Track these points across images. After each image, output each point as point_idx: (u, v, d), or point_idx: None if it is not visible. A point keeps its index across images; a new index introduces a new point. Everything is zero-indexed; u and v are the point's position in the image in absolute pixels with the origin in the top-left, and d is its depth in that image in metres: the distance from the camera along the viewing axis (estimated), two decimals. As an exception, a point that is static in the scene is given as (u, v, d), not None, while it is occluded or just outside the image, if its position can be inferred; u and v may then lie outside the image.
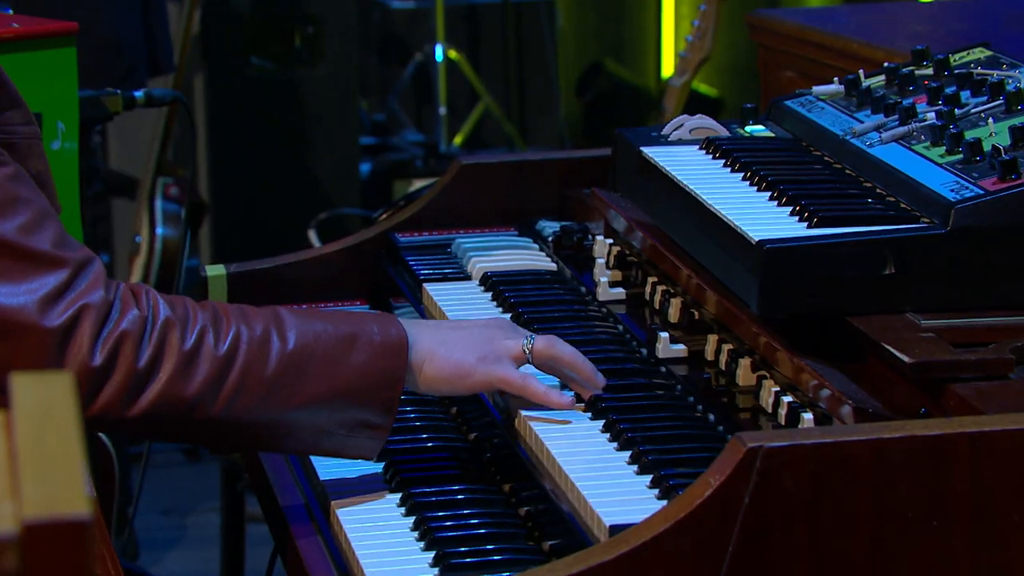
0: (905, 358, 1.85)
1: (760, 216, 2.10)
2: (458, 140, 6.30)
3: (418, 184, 5.87)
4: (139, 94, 2.86)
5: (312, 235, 4.68)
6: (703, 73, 7.86)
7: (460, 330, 2.12)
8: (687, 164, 2.32)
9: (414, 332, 2.06)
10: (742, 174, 2.25)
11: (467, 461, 2.15)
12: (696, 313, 2.24)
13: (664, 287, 2.33)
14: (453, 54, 6.31)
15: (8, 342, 1.87)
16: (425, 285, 2.52)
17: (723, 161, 2.31)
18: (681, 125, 2.46)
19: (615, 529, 1.77)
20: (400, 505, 2.05)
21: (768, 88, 3.01)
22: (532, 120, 6.71)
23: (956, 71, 2.35)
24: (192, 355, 1.93)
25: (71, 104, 2.76)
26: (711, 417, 2.03)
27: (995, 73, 2.29)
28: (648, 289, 2.37)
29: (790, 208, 2.10)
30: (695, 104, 7.36)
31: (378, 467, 2.14)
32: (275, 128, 5.44)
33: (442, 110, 6.23)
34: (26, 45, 2.70)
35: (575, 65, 7.43)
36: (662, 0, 7.96)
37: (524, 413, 2.08)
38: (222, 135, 5.24)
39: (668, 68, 7.96)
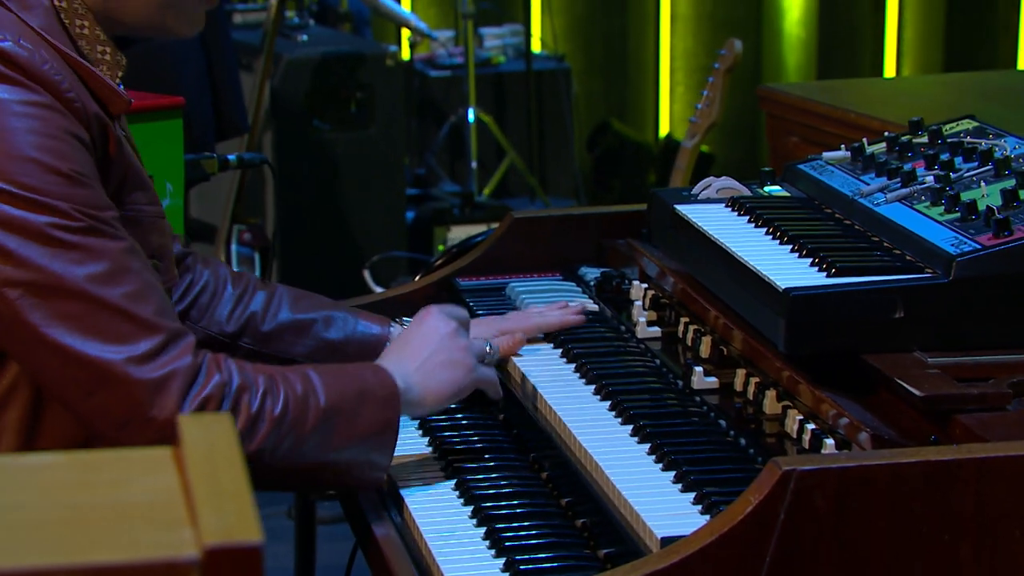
0: (916, 392, 1.85)
1: (784, 266, 2.09)
2: (487, 191, 6.31)
3: (455, 229, 5.89)
4: (232, 157, 2.87)
5: (367, 274, 4.68)
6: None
7: (427, 352, 2.14)
8: (716, 220, 2.32)
9: (401, 375, 2.08)
10: (765, 229, 2.25)
11: (529, 479, 2.14)
12: (724, 350, 2.24)
13: (695, 326, 2.32)
14: (483, 116, 6.32)
15: (105, 391, 1.87)
16: (484, 325, 2.51)
17: (748, 218, 2.31)
18: (709, 185, 2.45)
19: (666, 541, 1.77)
20: (471, 517, 2.04)
21: (775, 151, 3.01)
22: (551, 172, 6.73)
23: (948, 140, 2.34)
24: (257, 416, 1.94)
25: (178, 167, 2.77)
26: (742, 441, 2.02)
27: (983, 142, 2.29)
28: (681, 328, 2.36)
29: (810, 259, 2.09)
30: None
31: (450, 483, 2.15)
32: (333, 182, 5.45)
33: (474, 164, 6.23)
34: (140, 117, 2.72)
35: (586, 124, 7.45)
36: (659, 69, 7.98)
37: (580, 438, 2.08)
38: (288, 188, 5.24)
39: (664, 127, 7.99)
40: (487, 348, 2.21)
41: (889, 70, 7.52)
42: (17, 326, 1.85)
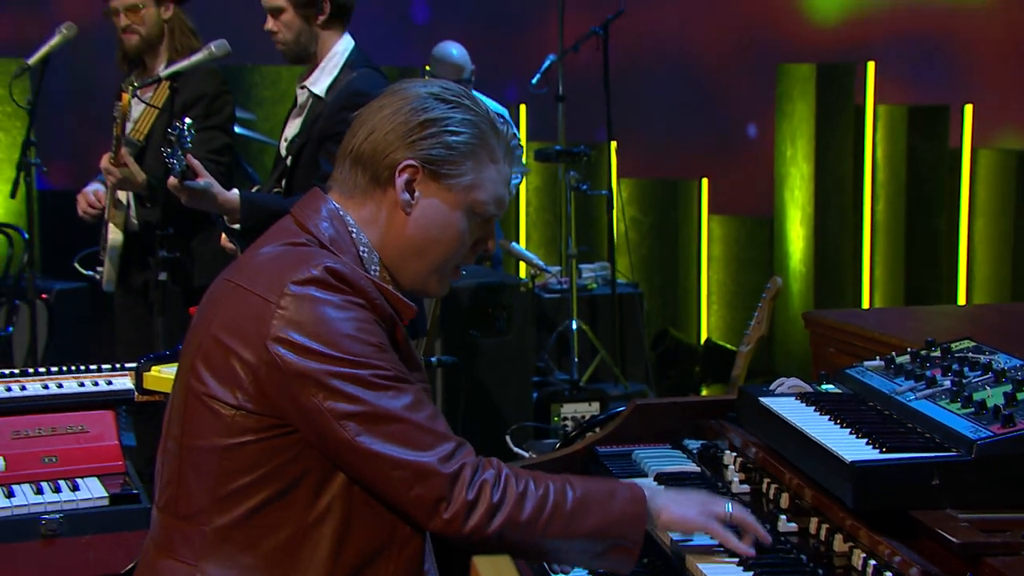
0: (954, 539, 1.79)
1: (846, 444, 2.04)
2: (585, 378, 6.28)
3: (566, 406, 5.85)
4: (434, 360, 2.87)
5: (508, 439, 4.63)
6: (729, 334, 7.89)
7: (682, 494, 2.09)
8: (790, 409, 2.27)
9: (651, 493, 2.04)
10: (828, 416, 2.20)
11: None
12: (799, 503, 2.18)
13: (775, 485, 2.26)
14: (582, 325, 6.33)
15: (421, 484, 1.88)
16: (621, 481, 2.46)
17: (813, 408, 2.26)
18: (782, 383, 2.42)
19: (777, 645, 1.71)
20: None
21: (817, 359, 2.97)
22: (629, 364, 6.69)
23: (956, 355, 2.30)
24: (522, 495, 1.94)
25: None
26: (820, 572, 1.96)
27: (982, 357, 2.25)
28: (764, 486, 2.30)
29: (865, 440, 2.03)
30: (727, 356, 7.37)
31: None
32: (482, 372, 5.45)
33: (575, 359, 6.22)
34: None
35: (652, 331, 7.43)
36: (700, 293, 7.99)
37: (700, 566, 2.02)
38: (451, 377, 5.24)
39: (704, 334, 7.95)
40: (728, 508, 2.04)
41: (865, 299, 7.47)
42: (354, 447, 1.88)
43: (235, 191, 3.66)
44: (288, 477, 1.92)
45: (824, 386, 2.41)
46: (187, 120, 3.52)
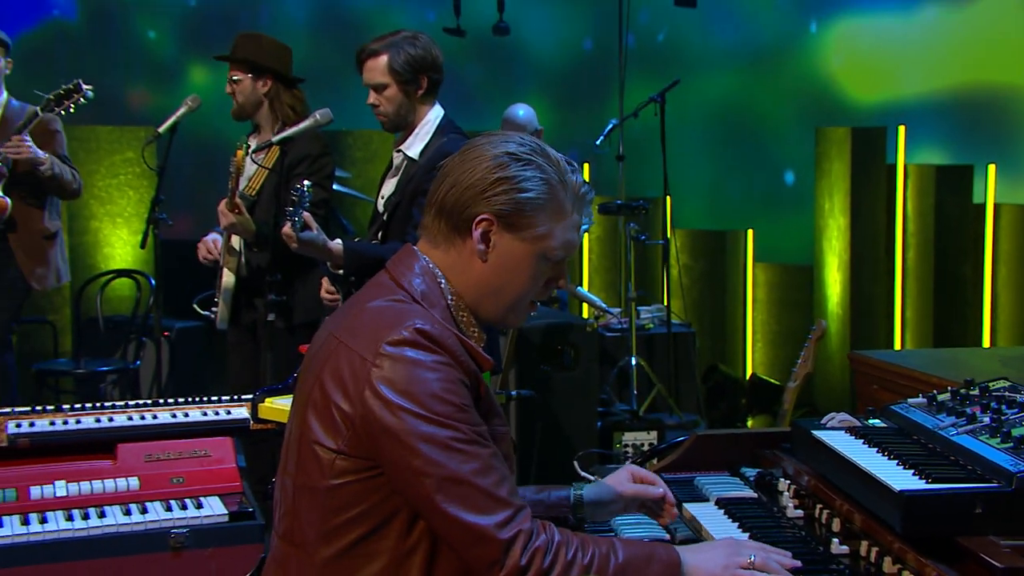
0: (998, 564, 1.75)
1: (894, 474, 2.01)
2: (643, 409, 6.23)
3: (627, 434, 5.81)
4: (514, 393, 2.87)
5: (575, 464, 4.59)
6: (772, 370, 7.79)
7: (709, 550, 2.02)
8: (841, 442, 2.24)
9: (683, 555, 1.99)
10: (876, 449, 2.16)
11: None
12: (850, 527, 2.15)
13: (827, 510, 2.24)
14: (640, 361, 6.29)
15: (479, 546, 1.86)
16: (684, 504, 2.44)
17: (862, 441, 2.23)
18: (833, 418, 2.39)
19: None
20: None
21: (861, 396, 2.93)
22: (682, 397, 6.63)
23: (994, 393, 2.26)
24: (570, 563, 1.89)
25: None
26: (872, 591, 1.94)
27: (1018, 396, 2.21)
28: (816, 512, 2.27)
29: (912, 471, 2.00)
30: (770, 390, 7.28)
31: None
32: (552, 404, 5.42)
33: (635, 392, 6.18)
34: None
35: (702, 366, 7.37)
36: (746, 332, 7.91)
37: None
38: (523, 408, 5.19)
39: (750, 370, 7.86)
40: (751, 557, 1.99)
41: (897, 339, 7.35)
42: (427, 502, 1.87)
43: (338, 241, 3.73)
44: (382, 514, 1.92)
45: (871, 421, 2.38)
46: (307, 183, 3.62)
